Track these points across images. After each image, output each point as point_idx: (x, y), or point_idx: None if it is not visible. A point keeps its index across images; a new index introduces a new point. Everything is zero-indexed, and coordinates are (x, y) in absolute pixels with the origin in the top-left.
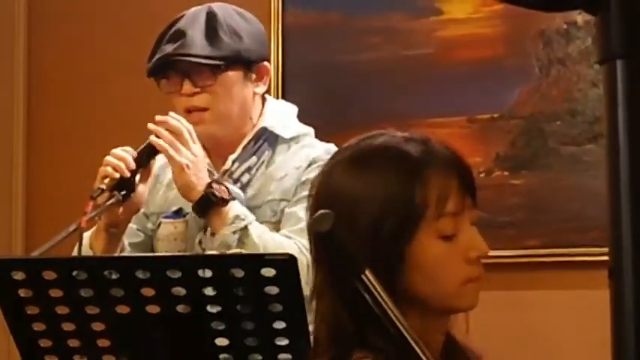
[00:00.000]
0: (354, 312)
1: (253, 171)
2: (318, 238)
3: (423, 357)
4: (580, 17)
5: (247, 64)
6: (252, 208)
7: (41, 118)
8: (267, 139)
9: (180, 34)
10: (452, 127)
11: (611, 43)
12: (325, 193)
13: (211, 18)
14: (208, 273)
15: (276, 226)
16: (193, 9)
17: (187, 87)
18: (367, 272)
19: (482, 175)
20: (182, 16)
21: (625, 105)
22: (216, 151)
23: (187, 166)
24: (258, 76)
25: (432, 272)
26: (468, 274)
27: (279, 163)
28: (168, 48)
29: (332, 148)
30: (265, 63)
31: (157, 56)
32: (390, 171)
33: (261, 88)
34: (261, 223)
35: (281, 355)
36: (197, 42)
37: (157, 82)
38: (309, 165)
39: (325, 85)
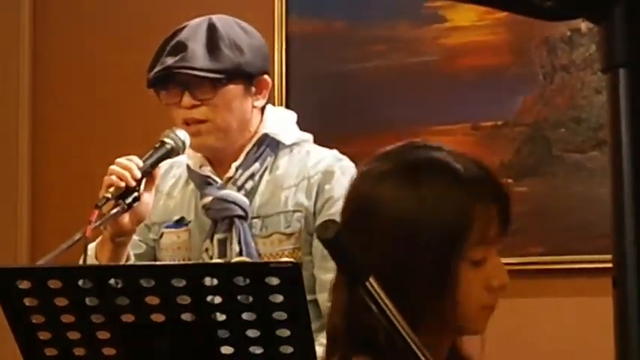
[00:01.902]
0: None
1: (257, 177)
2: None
3: None
4: (584, 24)
5: (248, 77)
6: (261, 217)
7: (46, 127)
8: (269, 145)
9: (182, 47)
10: (456, 135)
11: (614, 51)
12: (374, 207)
13: (213, 30)
14: (213, 281)
15: (289, 238)
16: (195, 20)
17: (187, 99)
18: (371, 279)
19: None
20: (183, 28)
21: (628, 113)
22: (218, 159)
23: None
24: (258, 89)
25: (457, 295)
26: (487, 301)
27: (284, 170)
28: (169, 60)
29: (337, 154)
30: (266, 76)
31: (158, 68)
32: (448, 192)
33: (260, 102)
34: (273, 233)
35: None
36: (198, 55)
37: (157, 93)
38: (325, 176)
39: (330, 94)
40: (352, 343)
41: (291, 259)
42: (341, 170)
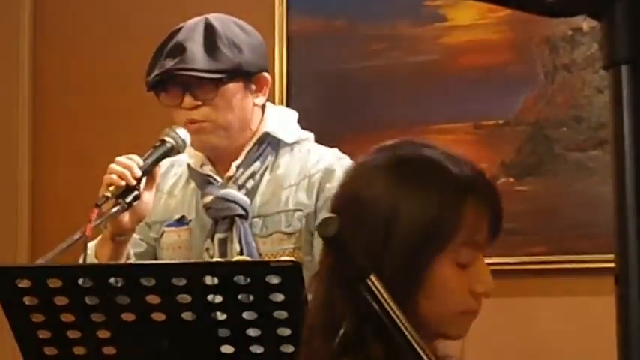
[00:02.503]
0: (354, 310)
1: (257, 176)
2: (324, 241)
3: None
4: (585, 23)
5: (247, 75)
6: (262, 217)
7: (46, 127)
8: (270, 143)
9: (180, 48)
10: (457, 134)
11: (615, 48)
12: (361, 197)
13: (210, 30)
14: (214, 280)
15: (289, 237)
16: (191, 20)
17: (188, 100)
18: (372, 277)
19: None
20: (179, 29)
21: (630, 110)
22: (219, 158)
23: None
24: (257, 86)
25: (438, 295)
26: (469, 306)
27: (285, 169)
28: (168, 63)
29: (338, 153)
30: (265, 74)
31: (157, 71)
32: (434, 188)
33: (260, 99)
34: (274, 232)
35: None
36: (197, 56)
37: (157, 95)
38: (326, 174)
39: (330, 92)
40: (339, 345)
41: (292, 258)
42: (342, 169)
